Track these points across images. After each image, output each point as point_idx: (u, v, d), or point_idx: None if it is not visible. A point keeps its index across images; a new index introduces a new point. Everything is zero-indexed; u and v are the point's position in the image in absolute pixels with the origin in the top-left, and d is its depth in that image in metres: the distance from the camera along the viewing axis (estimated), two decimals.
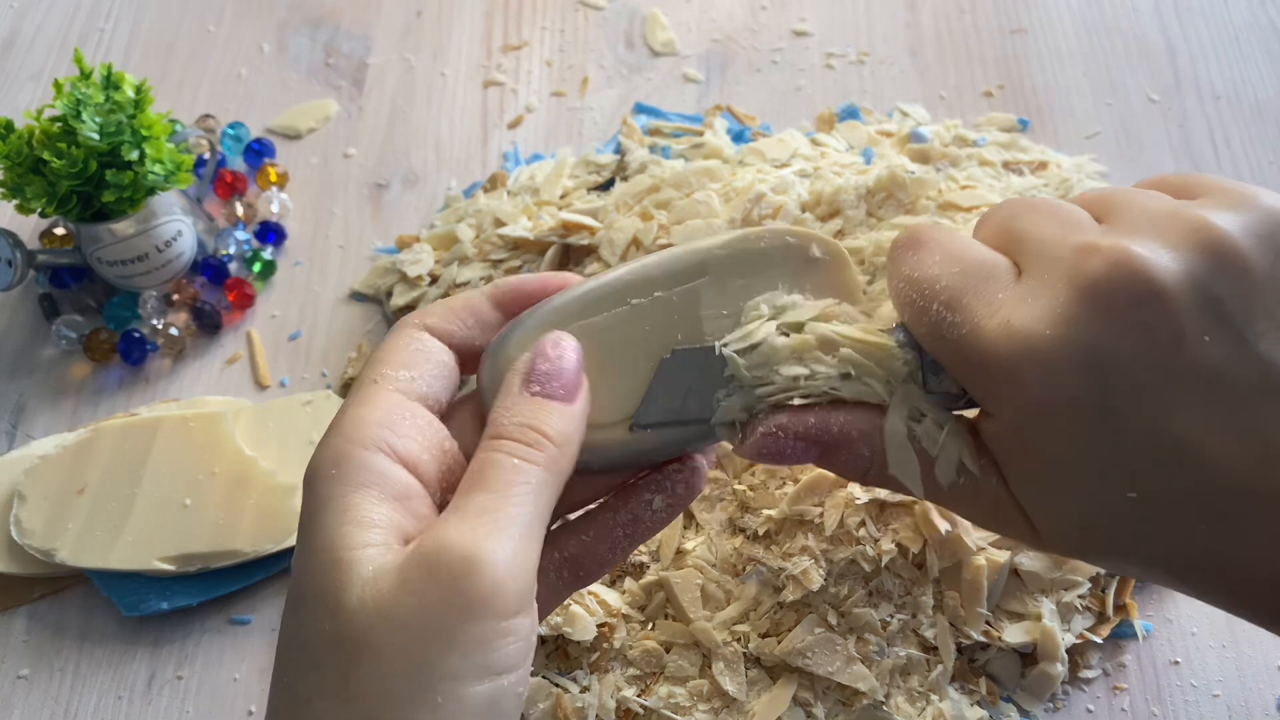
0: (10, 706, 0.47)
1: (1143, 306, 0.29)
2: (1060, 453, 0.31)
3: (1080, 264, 0.30)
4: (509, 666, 0.29)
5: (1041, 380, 0.30)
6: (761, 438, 0.34)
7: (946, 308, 0.32)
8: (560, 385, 0.33)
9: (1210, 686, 0.45)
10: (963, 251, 0.33)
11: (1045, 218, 0.33)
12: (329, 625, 0.29)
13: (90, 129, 0.51)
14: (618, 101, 0.64)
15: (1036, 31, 0.66)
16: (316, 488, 0.31)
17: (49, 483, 0.49)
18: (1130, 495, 0.30)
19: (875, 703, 0.42)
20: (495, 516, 0.30)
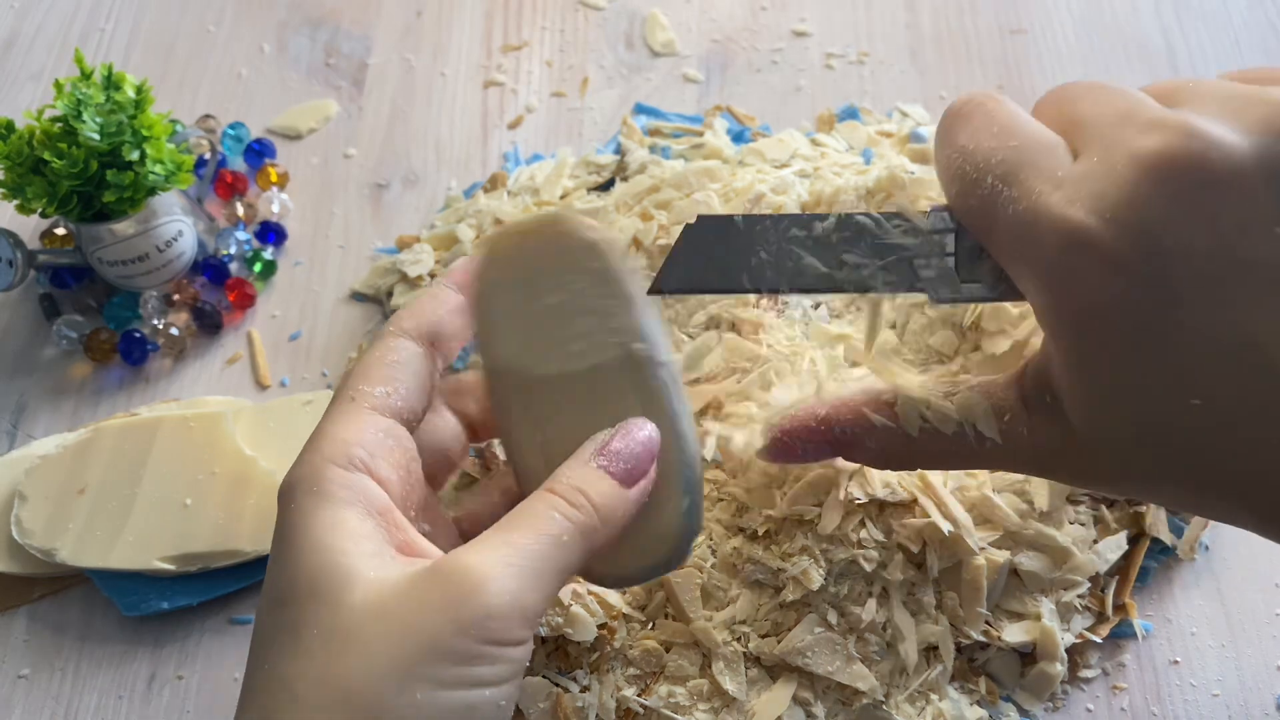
0: (10, 706, 0.47)
1: (1206, 189, 0.27)
2: (1119, 348, 0.29)
3: (1142, 141, 0.28)
4: (492, 683, 0.30)
5: (1099, 264, 0.28)
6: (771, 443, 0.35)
7: (1003, 181, 0.30)
8: (625, 466, 0.34)
9: (1210, 686, 0.45)
10: (1020, 125, 0.31)
11: (1108, 98, 0.31)
12: (327, 618, 0.29)
13: (91, 129, 0.51)
14: (618, 102, 0.64)
15: (1036, 31, 0.66)
16: (299, 501, 0.31)
17: (49, 482, 0.49)
18: (1194, 403, 0.28)
19: (875, 702, 0.42)
20: (516, 552, 0.31)
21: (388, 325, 0.36)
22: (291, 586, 0.31)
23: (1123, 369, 0.29)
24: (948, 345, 0.47)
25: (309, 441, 0.33)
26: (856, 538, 0.43)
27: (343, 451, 0.32)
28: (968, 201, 0.31)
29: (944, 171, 0.32)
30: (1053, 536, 0.44)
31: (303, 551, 0.31)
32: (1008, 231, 0.30)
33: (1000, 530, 0.44)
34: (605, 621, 0.43)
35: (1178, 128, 0.28)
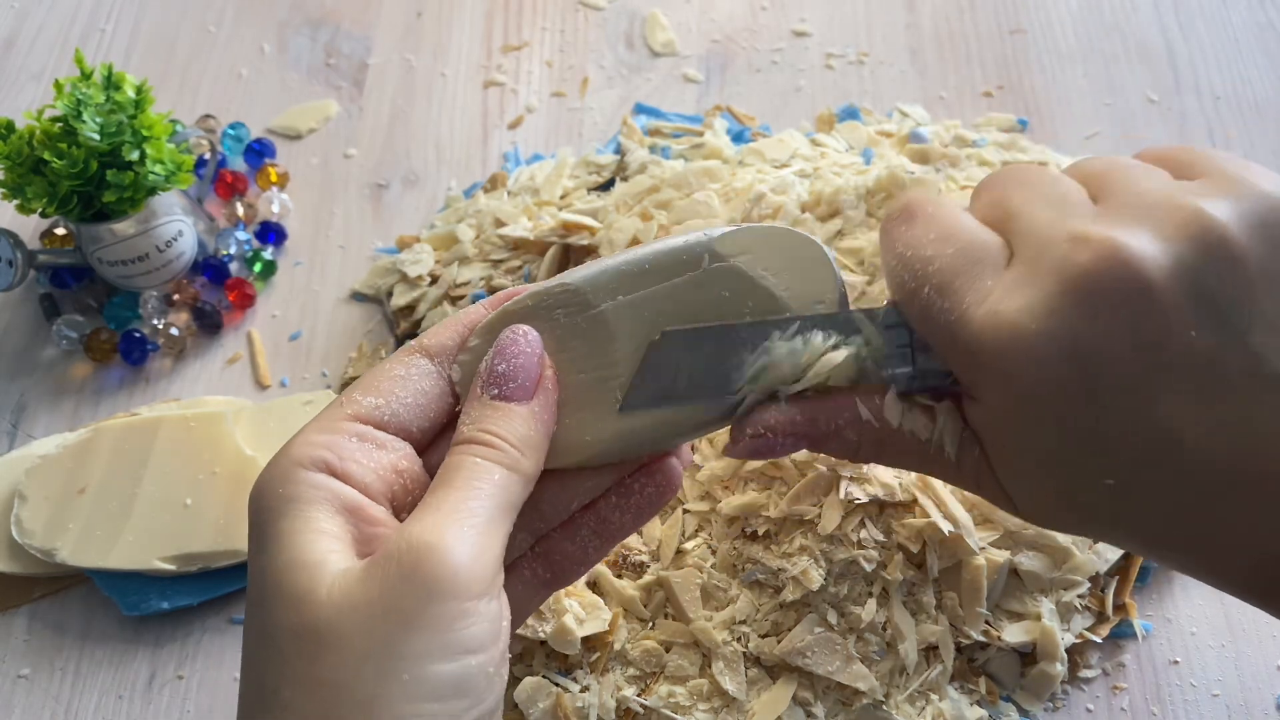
0: (11, 706, 0.47)
1: (1130, 302, 0.29)
2: (1042, 440, 0.31)
3: (1070, 255, 0.30)
4: (474, 647, 0.29)
5: (1026, 371, 0.30)
6: (750, 440, 0.34)
7: (937, 292, 0.32)
8: (518, 385, 0.33)
9: (1210, 686, 0.45)
10: (956, 230, 0.33)
11: (1039, 196, 0.33)
12: (296, 618, 0.29)
13: (91, 129, 0.51)
14: (618, 102, 0.64)
15: (1036, 32, 0.66)
16: (268, 502, 0.32)
17: (50, 482, 0.49)
18: (1108, 482, 0.30)
19: (875, 702, 0.42)
20: (456, 509, 0.31)
21: (410, 343, 0.36)
22: (262, 590, 0.30)
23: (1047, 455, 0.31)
24: None
25: (283, 448, 0.33)
26: (856, 538, 0.43)
27: (309, 454, 0.32)
28: (909, 309, 0.33)
29: (887, 276, 0.34)
30: (1053, 536, 0.44)
31: (269, 553, 0.31)
32: (943, 336, 0.32)
33: (1000, 530, 0.44)
34: (600, 631, 0.43)
35: (1104, 245, 0.30)
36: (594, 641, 0.43)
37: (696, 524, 0.45)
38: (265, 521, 0.31)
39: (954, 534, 0.43)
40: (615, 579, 0.44)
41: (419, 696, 0.28)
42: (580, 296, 0.35)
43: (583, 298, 0.35)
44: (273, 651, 0.30)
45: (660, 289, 0.35)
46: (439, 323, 0.36)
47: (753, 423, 0.34)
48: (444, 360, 0.35)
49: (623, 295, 0.35)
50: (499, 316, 0.35)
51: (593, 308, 0.35)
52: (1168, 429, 0.29)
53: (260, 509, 0.32)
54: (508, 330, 0.34)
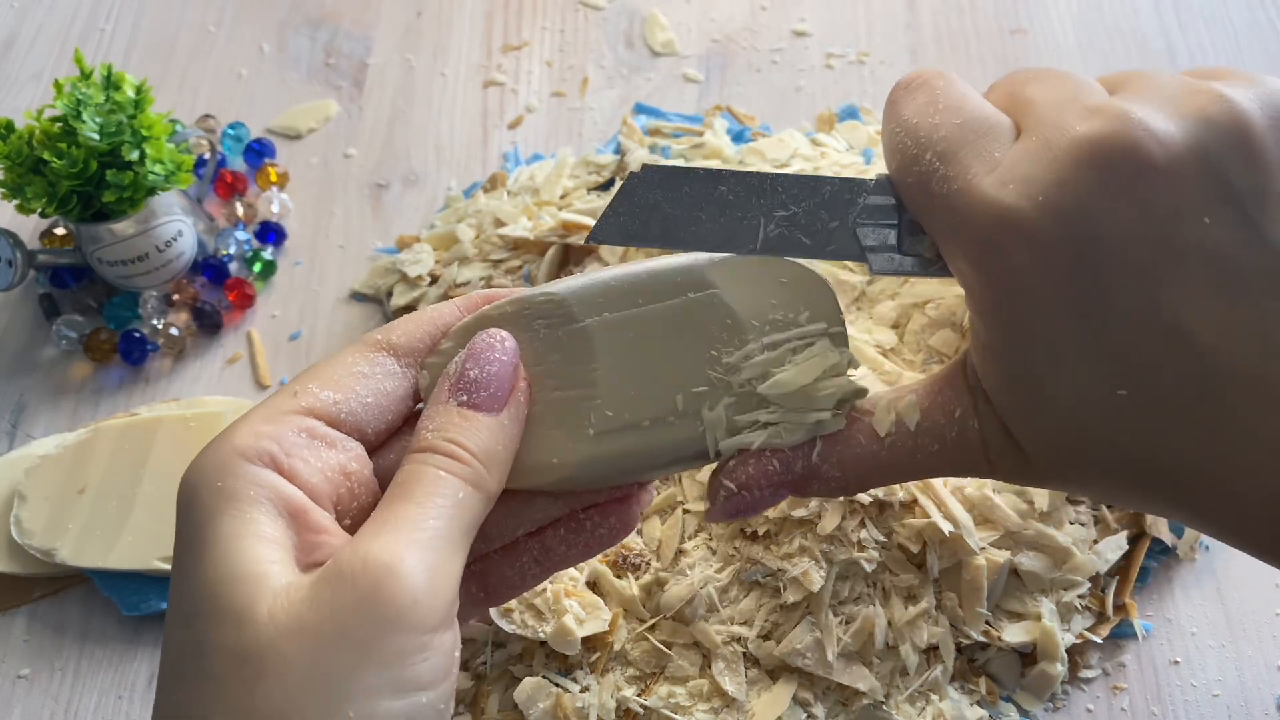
0: (10, 706, 0.47)
1: (1141, 177, 0.27)
2: (1045, 334, 0.28)
3: (1078, 126, 0.28)
4: (427, 684, 0.27)
5: (1028, 247, 0.28)
6: (726, 501, 0.32)
7: (940, 159, 0.30)
8: (489, 394, 0.31)
9: (1210, 686, 0.45)
10: (966, 103, 0.31)
11: (1055, 82, 0.31)
12: (233, 639, 0.26)
13: (90, 129, 0.51)
14: (618, 101, 0.64)
15: (1036, 31, 0.66)
16: (203, 498, 0.29)
17: (49, 482, 0.49)
18: (1121, 392, 0.28)
19: (875, 703, 0.42)
20: (415, 528, 0.28)
21: (374, 334, 0.33)
22: (193, 602, 0.28)
23: (1048, 356, 0.29)
24: (948, 345, 0.47)
25: (222, 433, 0.30)
26: (856, 538, 0.43)
27: (253, 444, 0.29)
28: (905, 177, 0.31)
29: (886, 145, 0.32)
30: (1053, 536, 0.44)
31: (204, 561, 0.28)
32: (941, 210, 0.30)
33: (1000, 530, 0.44)
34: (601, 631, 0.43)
35: (1115, 114, 0.28)
36: (594, 641, 0.43)
37: (696, 524, 0.45)
38: (200, 520, 0.28)
39: (954, 534, 0.43)
40: (615, 579, 0.44)
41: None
42: (564, 309, 0.33)
43: (567, 310, 0.33)
44: (203, 674, 0.27)
45: (649, 310, 0.33)
46: (406, 317, 0.34)
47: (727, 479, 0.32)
48: (410, 360, 0.33)
49: (609, 313, 0.33)
50: (476, 320, 0.33)
51: (576, 322, 0.33)
52: (1177, 323, 0.27)
53: (194, 502, 0.29)
54: (484, 333, 0.32)
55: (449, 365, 0.32)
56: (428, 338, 0.33)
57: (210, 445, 0.30)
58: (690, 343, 0.33)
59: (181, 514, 0.29)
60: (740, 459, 0.33)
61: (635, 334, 0.33)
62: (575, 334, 0.33)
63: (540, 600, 0.43)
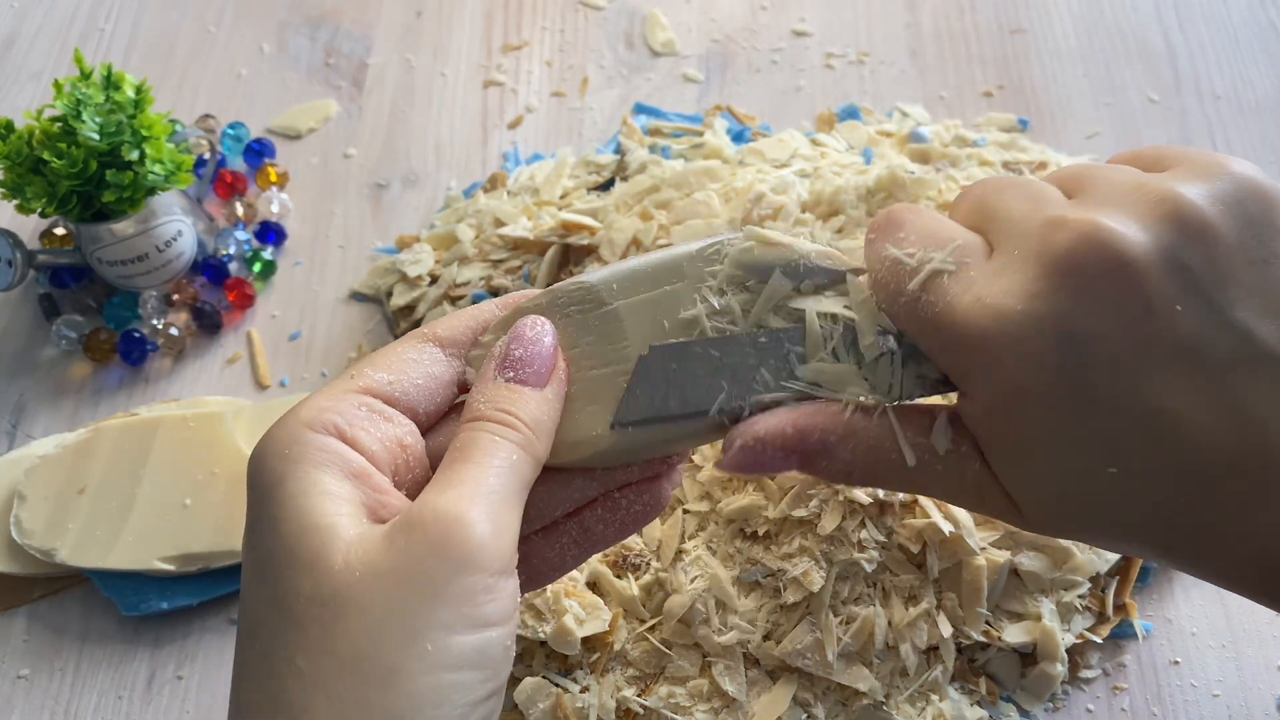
0: (10, 706, 0.47)
1: (1111, 278, 0.29)
2: (1038, 430, 0.31)
3: (1048, 238, 0.30)
4: (495, 620, 0.29)
5: (1014, 356, 0.30)
6: (740, 451, 0.33)
7: (922, 288, 0.32)
8: (533, 371, 0.34)
9: (1210, 686, 0.45)
10: (937, 231, 0.33)
11: (1016, 194, 0.33)
12: (310, 585, 0.29)
13: (90, 129, 0.51)
14: (618, 101, 0.64)
15: (1036, 31, 0.66)
16: (272, 464, 0.31)
17: (49, 483, 0.49)
18: (1110, 470, 0.30)
19: (875, 703, 0.42)
20: (476, 484, 0.30)
21: (421, 329, 0.36)
22: (270, 556, 0.30)
23: (1043, 446, 0.31)
24: None
25: (288, 410, 0.32)
26: (857, 539, 0.43)
27: (316, 417, 0.31)
28: (894, 309, 0.33)
29: (873, 282, 0.34)
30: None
31: (277, 518, 0.30)
32: (930, 334, 0.32)
33: (1000, 530, 0.44)
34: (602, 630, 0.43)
35: (1082, 225, 0.30)
36: (594, 642, 0.43)
37: (696, 524, 0.45)
38: (270, 484, 0.31)
39: (954, 534, 0.43)
40: (615, 579, 0.44)
41: (441, 666, 0.28)
42: (594, 294, 0.35)
43: (596, 295, 0.35)
44: (285, 619, 0.29)
45: (675, 289, 0.34)
46: (450, 314, 0.36)
47: (741, 432, 0.33)
48: (454, 351, 0.35)
49: (637, 295, 0.35)
50: (513, 313, 0.35)
51: (605, 305, 0.35)
52: (1161, 408, 0.29)
53: (263, 471, 0.31)
54: (524, 319, 0.34)
55: (493, 349, 0.34)
56: (470, 331, 0.36)
57: (277, 422, 0.32)
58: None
59: (252, 481, 0.31)
60: (764, 415, 0.34)
61: (665, 312, 0.34)
62: (606, 316, 0.35)
63: (540, 600, 0.43)
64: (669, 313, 0.34)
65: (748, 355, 0.34)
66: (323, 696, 0.28)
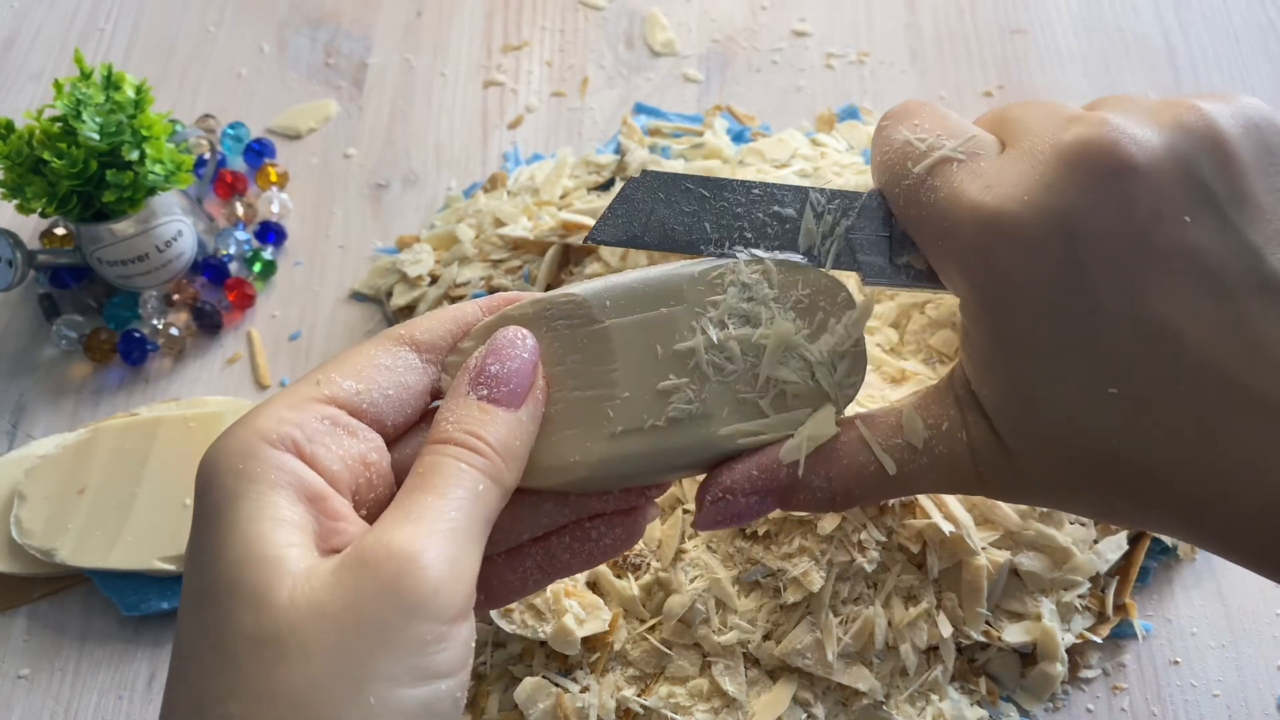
0: (10, 706, 0.47)
1: (1121, 177, 0.28)
2: (1034, 336, 0.29)
3: (1061, 133, 0.30)
4: (446, 671, 0.27)
5: (1014, 246, 0.29)
6: (711, 506, 0.32)
7: (929, 171, 0.31)
8: (508, 389, 0.31)
9: (1210, 686, 0.45)
10: (950, 121, 0.32)
11: (1036, 104, 0.32)
12: (251, 622, 0.26)
13: (90, 129, 0.51)
14: (618, 101, 0.64)
15: (1036, 31, 0.66)
16: (222, 479, 0.29)
17: (49, 483, 0.49)
18: (1111, 391, 0.28)
19: (875, 703, 0.42)
20: (436, 518, 0.28)
21: (397, 328, 0.33)
22: (211, 584, 0.27)
23: (1038, 357, 0.29)
24: (948, 345, 0.47)
25: (245, 415, 0.30)
26: (857, 539, 0.43)
27: (275, 429, 0.29)
28: (893, 191, 0.32)
29: (875, 165, 0.33)
30: (1053, 536, 0.44)
31: (223, 542, 0.28)
32: (928, 219, 0.31)
33: (1000, 530, 0.44)
34: (614, 610, 0.43)
35: (1095, 121, 0.29)
36: (594, 641, 0.43)
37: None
38: (219, 501, 0.28)
39: (954, 534, 0.43)
40: (615, 579, 0.44)
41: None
42: (585, 310, 0.33)
43: (588, 311, 0.33)
44: (222, 658, 0.26)
45: (672, 313, 0.33)
46: (429, 314, 0.34)
47: (710, 486, 0.32)
48: (431, 356, 0.33)
49: (631, 315, 0.33)
50: (497, 320, 0.33)
51: (597, 323, 0.33)
52: (1163, 322, 0.28)
53: (213, 484, 0.29)
54: (505, 330, 0.32)
55: (469, 359, 0.32)
56: (449, 335, 0.33)
57: (232, 428, 0.30)
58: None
59: (200, 495, 0.29)
60: (726, 464, 0.33)
61: (658, 337, 0.33)
62: (596, 335, 0.33)
63: (540, 600, 0.43)
64: (664, 338, 0.33)
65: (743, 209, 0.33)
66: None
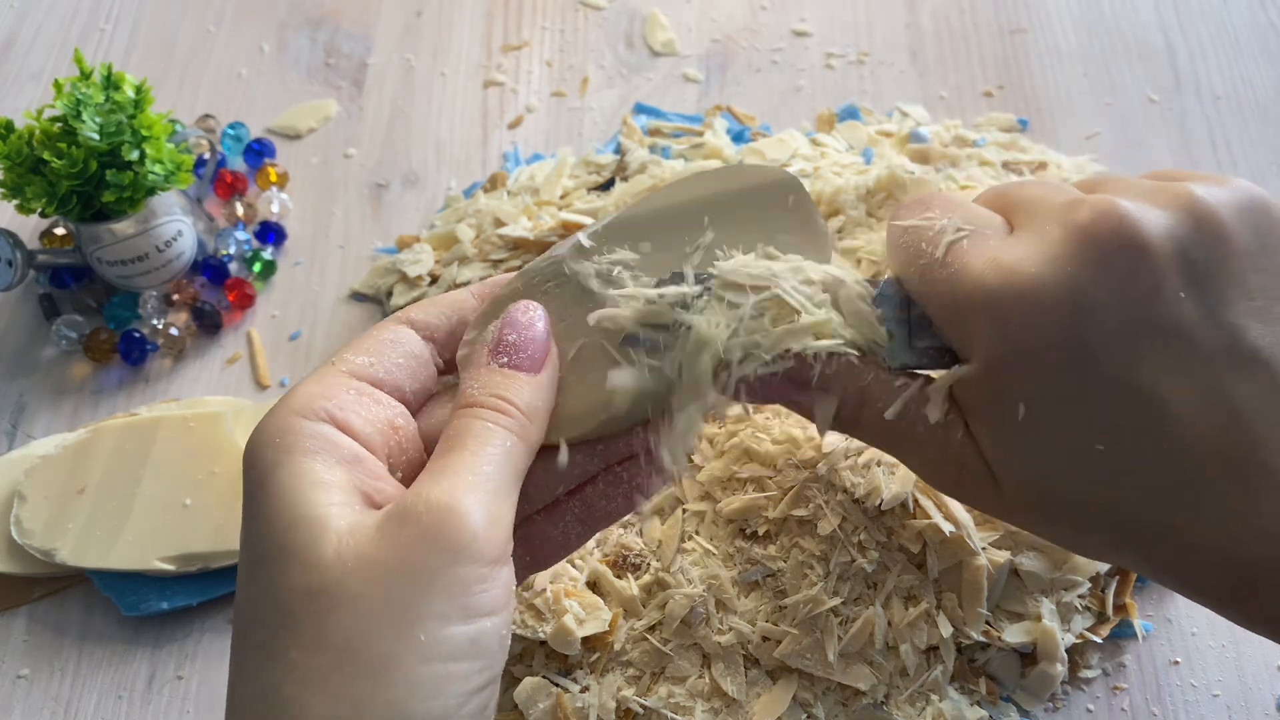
0: (10, 706, 0.47)
1: (1126, 253, 0.30)
2: (1034, 395, 0.31)
3: (1069, 212, 0.32)
4: (490, 610, 0.29)
5: (1022, 314, 0.31)
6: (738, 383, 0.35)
7: (941, 251, 0.33)
8: (527, 355, 0.34)
9: (1210, 686, 0.45)
10: (961, 205, 0.35)
11: (1038, 185, 0.35)
12: (302, 578, 0.28)
13: (90, 129, 0.51)
14: (618, 101, 0.64)
15: (1036, 31, 0.66)
16: (264, 455, 0.31)
17: (49, 483, 0.49)
18: (1098, 448, 0.31)
19: (875, 703, 0.42)
20: (471, 473, 0.30)
21: (394, 315, 0.36)
22: (263, 548, 0.30)
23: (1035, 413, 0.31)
24: None
25: (278, 401, 0.32)
26: (857, 539, 0.43)
27: (307, 404, 0.31)
28: (909, 271, 0.34)
29: (891, 251, 0.35)
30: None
31: (270, 509, 0.30)
32: (944, 295, 0.33)
33: (1000, 530, 0.44)
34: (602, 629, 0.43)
35: (1105, 202, 0.31)
36: (594, 641, 0.43)
37: (696, 524, 0.45)
38: (262, 474, 0.31)
39: (954, 534, 0.43)
40: (615, 579, 0.44)
41: (435, 657, 0.28)
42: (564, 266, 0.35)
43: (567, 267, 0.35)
44: (279, 614, 0.29)
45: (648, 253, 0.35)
46: (427, 299, 0.36)
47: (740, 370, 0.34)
48: (427, 334, 0.35)
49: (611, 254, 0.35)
50: (491, 305, 0.35)
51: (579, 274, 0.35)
52: (1153, 391, 0.30)
53: (255, 462, 0.31)
54: (516, 305, 0.35)
55: (484, 333, 0.34)
56: (444, 318, 0.36)
57: (269, 413, 0.32)
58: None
59: (246, 474, 0.31)
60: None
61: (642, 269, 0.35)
62: (581, 286, 0.35)
63: (540, 600, 0.43)
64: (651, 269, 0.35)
65: None
66: (317, 690, 0.28)
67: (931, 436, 0.34)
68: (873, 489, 0.43)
